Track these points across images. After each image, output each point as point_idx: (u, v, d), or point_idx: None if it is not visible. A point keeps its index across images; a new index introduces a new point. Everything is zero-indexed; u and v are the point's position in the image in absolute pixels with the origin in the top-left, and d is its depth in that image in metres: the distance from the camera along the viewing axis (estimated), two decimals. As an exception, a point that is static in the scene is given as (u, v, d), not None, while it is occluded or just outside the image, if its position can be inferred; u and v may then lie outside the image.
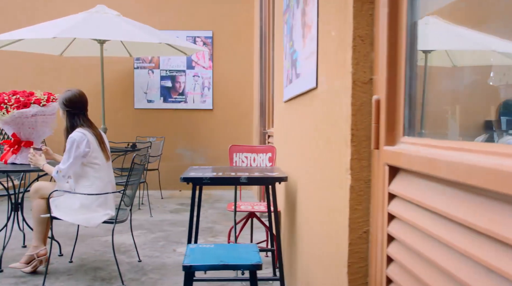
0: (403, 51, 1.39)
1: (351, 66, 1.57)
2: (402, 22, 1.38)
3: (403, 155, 1.33)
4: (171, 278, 3.41)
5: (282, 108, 3.54)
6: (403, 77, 1.39)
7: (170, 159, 7.40)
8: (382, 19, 1.44)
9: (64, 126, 3.36)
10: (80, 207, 3.26)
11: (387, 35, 1.42)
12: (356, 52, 1.56)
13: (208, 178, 2.75)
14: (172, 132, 7.44)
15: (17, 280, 3.33)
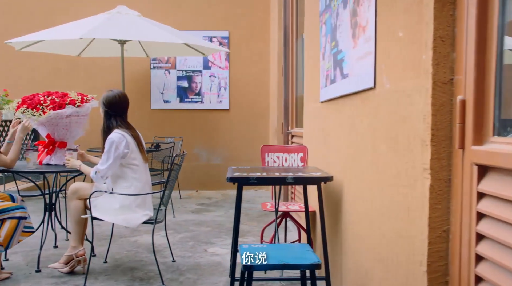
0: (493, 51, 1.40)
1: (431, 67, 1.58)
2: (493, 23, 1.39)
3: (497, 154, 1.34)
4: (209, 278, 3.43)
5: (318, 108, 3.55)
6: (492, 77, 1.40)
7: (187, 159, 7.40)
8: (470, 20, 1.46)
9: (102, 126, 3.37)
10: (119, 208, 3.27)
11: (475, 35, 1.44)
12: (437, 53, 1.57)
13: (254, 178, 2.76)
14: (189, 133, 7.45)
15: (57, 280, 3.34)
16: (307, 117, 4.11)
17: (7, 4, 7.44)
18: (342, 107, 2.79)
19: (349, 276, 2.63)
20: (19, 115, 3.62)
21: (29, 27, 7.25)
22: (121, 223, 3.25)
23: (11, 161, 3.41)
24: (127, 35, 5.14)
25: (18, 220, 3.30)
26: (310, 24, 3.87)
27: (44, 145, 3.76)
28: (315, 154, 3.76)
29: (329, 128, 3.14)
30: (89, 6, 7.27)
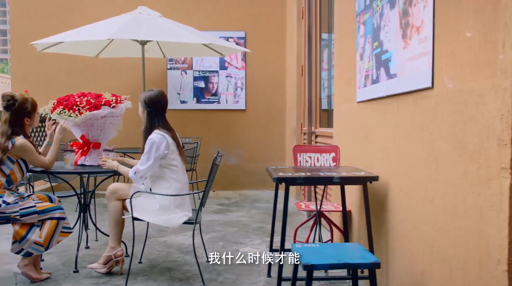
0: None
1: (511, 66, 1.59)
2: None
3: None
4: (248, 278, 3.44)
5: (353, 108, 3.56)
6: None
7: (204, 159, 7.39)
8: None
9: (143, 126, 3.39)
10: (159, 208, 3.28)
11: None
12: (518, 53, 1.58)
13: (301, 178, 2.78)
14: (205, 133, 7.45)
15: (97, 281, 3.35)
16: (338, 118, 4.11)
17: (22, 6, 7.44)
18: (387, 107, 2.80)
19: (398, 276, 2.64)
20: (55, 117, 3.63)
21: (45, 29, 7.26)
22: (162, 223, 3.26)
23: (49, 162, 3.42)
24: (152, 36, 5.15)
25: (57, 220, 3.31)
26: (343, 24, 3.88)
27: (78, 145, 3.76)
28: (348, 153, 3.77)
29: (370, 128, 3.15)
30: (104, 6, 7.29)
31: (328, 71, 5.48)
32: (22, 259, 3.29)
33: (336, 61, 4.18)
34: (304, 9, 6.29)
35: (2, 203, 3.16)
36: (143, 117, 3.41)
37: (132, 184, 3.44)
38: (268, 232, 4.85)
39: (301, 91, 6.46)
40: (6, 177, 3.25)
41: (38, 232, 3.24)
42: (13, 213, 3.19)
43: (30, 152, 3.30)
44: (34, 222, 3.26)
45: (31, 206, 3.24)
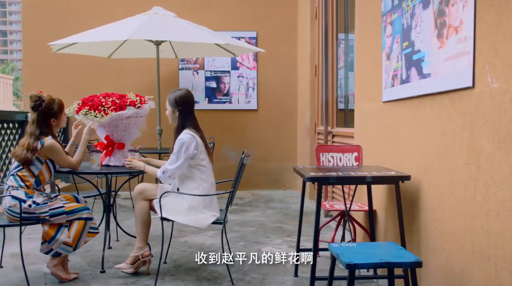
0: None
1: None
2: None
3: None
4: (275, 278, 3.45)
5: (378, 108, 3.57)
6: None
7: (216, 159, 7.39)
8: None
9: (175, 126, 3.40)
10: (188, 208, 3.29)
11: None
12: None
13: (334, 178, 2.79)
14: (217, 133, 7.43)
15: (125, 281, 3.36)
16: (359, 117, 4.12)
17: (35, 7, 7.45)
18: (419, 106, 2.81)
19: (432, 275, 2.65)
20: (81, 117, 3.64)
21: (58, 29, 7.27)
22: (191, 223, 3.27)
23: (76, 162, 3.43)
24: (170, 36, 5.17)
25: (85, 221, 3.32)
26: (366, 24, 3.89)
27: (103, 146, 3.77)
28: (371, 153, 3.78)
29: (398, 128, 3.16)
30: (117, 7, 7.30)
31: (344, 71, 5.50)
32: (51, 259, 3.30)
33: (357, 61, 4.19)
34: (318, 9, 6.30)
35: (32, 203, 3.17)
36: (173, 118, 3.41)
37: (159, 184, 3.45)
38: (286, 232, 4.87)
39: (314, 91, 6.47)
40: (35, 178, 3.26)
41: (66, 232, 3.25)
42: (42, 213, 3.20)
43: (59, 152, 3.30)
44: (63, 222, 3.27)
45: (59, 206, 3.25)
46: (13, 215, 3.16)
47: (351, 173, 2.90)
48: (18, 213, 3.14)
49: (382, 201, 3.50)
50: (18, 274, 3.48)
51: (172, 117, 3.43)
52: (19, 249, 3.14)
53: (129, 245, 4.30)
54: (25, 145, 3.21)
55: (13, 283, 3.33)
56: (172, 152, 3.31)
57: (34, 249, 4.12)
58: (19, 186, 3.20)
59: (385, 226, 3.45)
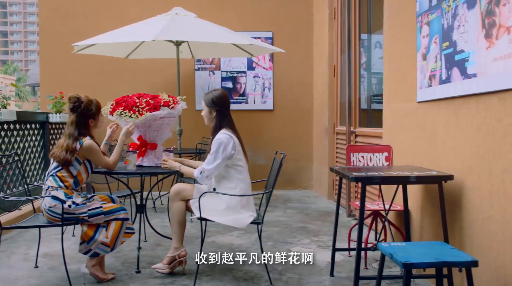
0: None
1: None
2: None
3: None
4: (311, 278, 3.45)
5: (412, 108, 3.57)
6: None
7: (232, 159, 7.43)
8: None
9: (212, 126, 3.41)
10: (226, 208, 3.30)
11: None
12: None
13: (378, 178, 2.80)
14: (233, 133, 7.46)
15: (163, 281, 3.37)
16: (389, 118, 4.13)
17: (51, 8, 7.46)
18: (462, 106, 2.82)
19: (480, 275, 2.65)
20: (115, 118, 3.65)
21: (74, 30, 7.30)
22: (230, 223, 3.28)
23: (113, 163, 3.44)
24: (194, 37, 5.17)
25: (122, 221, 3.33)
26: (398, 25, 3.89)
27: (136, 146, 3.78)
28: (403, 153, 3.79)
29: (437, 128, 3.17)
30: (132, 8, 7.32)
31: (366, 71, 5.51)
32: (89, 259, 3.31)
33: (387, 61, 4.20)
34: (337, 10, 6.32)
35: (72, 204, 3.18)
36: (210, 118, 3.43)
37: (196, 185, 3.46)
38: (312, 232, 4.88)
39: (333, 92, 6.48)
40: (73, 178, 3.27)
41: (104, 232, 3.26)
42: (82, 214, 3.21)
43: (97, 152, 3.32)
44: (100, 223, 3.28)
45: (97, 206, 3.26)
46: (53, 215, 3.18)
47: (392, 173, 2.91)
48: (58, 214, 3.15)
49: (416, 200, 3.51)
50: (55, 274, 3.50)
51: (208, 118, 3.45)
52: (59, 249, 3.16)
53: (158, 245, 4.31)
54: (63, 146, 3.22)
55: (52, 283, 3.34)
56: (210, 152, 3.32)
57: (65, 249, 4.13)
58: (59, 186, 3.21)
59: (420, 226, 3.45)
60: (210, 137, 3.46)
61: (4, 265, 3.70)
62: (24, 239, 4.49)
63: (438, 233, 3.15)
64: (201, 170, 3.29)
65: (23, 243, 4.34)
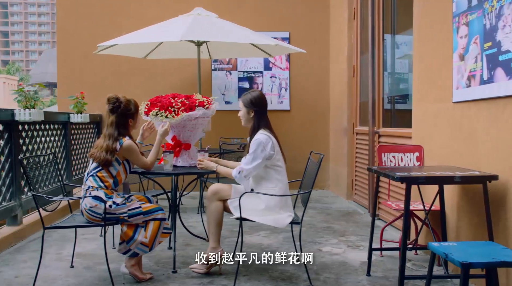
0: None
1: None
2: None
3: None
4: (348, 277, 3.46)
5: (447, 108, 3.58)
6: None
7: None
8: None
9: (250, 126, 3.42)
10: (265, 208, 3.31)
11: None
12: None
13: (423, 178, 2.81)
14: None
15: (201, 281, 3.37)
16: (420, 118, 4.13)
17: (69, 8, 7.46)
18: (507, 107, 2.82)
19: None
20: (151, 118, 3.65)
21: (92, 30, 7.31)
22: (270, 223, 3.28)
23: (150, 163, 3.45)
24: (218, 37, 5.18)
25: (160, 221, 3.33)
26: (431, 26, 3.90)
27: (170, 147, 3.78)
28: (436, 153, 3.80)
29: (476, 128, 3.17)
30: (149, 8, 7.33)
31: (390, 71, 5.52)
32: (128, 259, 3.32)
33: (416, 62, 4.21)
34: (357, 10, 6.33)
35: (113, 204, 3.19)
36: (247, 118, 3.44)
37: (233, 185, 3.47)
38: (338, 231, 4.89)
39: (352, 92, 6.49)
40: (113, 178, 3.27)
41: (143, 232, 3.27)
42: (122, 214, 3.21)
43: (136, 153, 3.32)
44: (139, 223, 3.28)
45: (137, 206, 3.27)
46: (93, 215, 3.18)
47: (435, 173, 2.92)
48: (99, 214, 3.16)
49: (451, 200, 3.51)
50: (92, 274, 3.50)
51: (246, 118, 3.46)
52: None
53: (188, 245, 4.32)
54: (103, 146, 3.23)
55: (91, 282, 3.34)
56: (248, 152, 3.33)
57: (95, 249, 4.15)
58: (99, 187, 3.22)
59: (457, 226, 3.46)
60: (248, 138, 3.47)
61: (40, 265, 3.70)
62: (53, 238, 4.50)
63: (478, 232, 3.16)
64: (239, 169, 3.30)
65: (53, 243, 4.35)
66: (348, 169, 6.58)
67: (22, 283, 3.33)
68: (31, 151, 4.80)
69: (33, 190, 3.14)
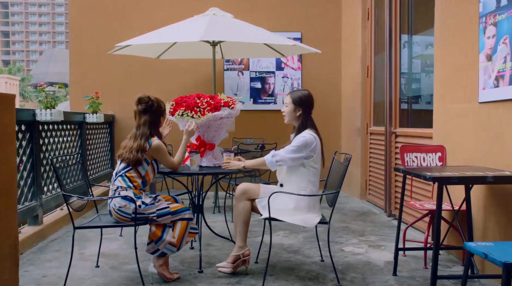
0: None
1: None
2: None
3: None
4: (375, 277, 3.47)
5: (472, 108, 3.59)
6: None
7: (261, 159, 7.43)
8: None
9: (297, 125, 3.43)
10: (294, 208, 3.31)
11: None
12: None
13: (456, 178, 2.81)
14: (262, 134, 7.47)
15: (229, 280, 3.38)
16: (443, 118, 4.14)
17: (82, 7, 7.47)
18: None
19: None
20: (176, 118, 3.66)
21: (105, 30, 7.31)
22: (299, 222, 3.29)
23: (178, 163, 3.45)
24: (236, 37, 5.18)
25: (187, 221, 3.34)
26: (454, 26, 3.91)
27: (194, 147, 3.79)
28: (460, 153, 3.80)
29: (506, 128, 3.18)
30: (161, 8, 7.34)
31: (408, 71, 5.52)
32: (156, 259, 3.32)
33: (437, 62, 4.21)
34: (371, 10, 6.33)
35: (142, 204, 3.19)
36: (293, 116, 3.46)
37: (261, 184, 3.48)
38: (356, 231, 4.89)
39: (366, 92, 6.49)
40: (141, 178, 3.27)
41: (171, 232, 3.27)
42: (151, 214, 3.22)
43: (165, 152, 3.33)
44: (167, 223, 3.29)
45: (165, 207, 3.27)
46: (123, 215, 3.19)
47: (466, 173, 2.93)
48: (128, 214, 3.17)
49: (477, 200, 3.52)
50: (119, 274, 3.51)
51: (292, 115, 3.46)
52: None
53: (209, 245, 4.32)
54: (133, 146, 3.23)
55: (119, 282, 3.35)
56: (290, 144, 3.32)
57: (116, 249, 4.16)
58: (128, 187, 3.22)
59: (484, 227, 3.47)
60: (292, 135, 3.48)
61: (65, 264, 3.69)
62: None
63: (507, 233, 3.17)
64: (273, 153, 3.30)
65: (75, 243, 4.33)
66: (361, 169, 6.59)
67: (51, 283, 3.33)
68: (49, 151, 4.80)
69: (63, 190, 3.13)
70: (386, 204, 5.52)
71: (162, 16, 7.15)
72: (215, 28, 5.15)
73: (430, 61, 5.36)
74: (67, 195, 3.14)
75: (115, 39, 6.77)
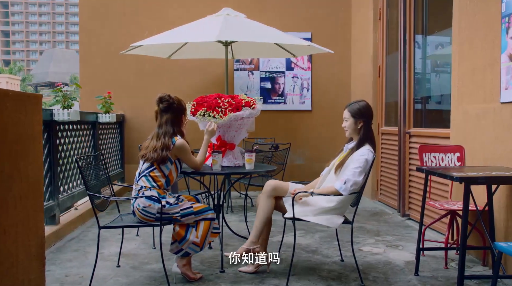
0: None
1: None
2: None
3: None
4: (398, 277, 3.47)
5: (496, 109, 3.58)
6: None
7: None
8: None
9: (357, 138, 3.38)
10: (319, 208, 3.31)
11: None
12: None
13: (483, 178, 2.82)
14: (272, 134, 7.48)
15: (252, 280, 3.38)
16: (461, 118, 4.14)
17: (92, 7, 7.47)
18: None
19: None
20: (198, 118, 3.66)
21: (115, 30, 7.31)
22: (324, 222, 3.28)
23: (200, 163, 3.45)
24: (250, 37, 5.19)
25: (210, 221, 3.34)
26: (471, 26, 3.91)
27: (215, 147, 3.79)
28: (480, 153, 3.81)
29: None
30: (173, 9, 7.34)
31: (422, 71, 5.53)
32: (179, 259, 3.32)
33: (455, 63, 4.22)
34: (382, 10, 6.34)
35: (166, 203, 3.19)
36: (354, 129, 3.39)
37: (291, 183, 3.49)
38: (371, 231, 4.90)
39: (377, 92, 6.50)
40: (165, 178, 3.28)
41: (194, 232, 3.27)
42: (175, 214, 3.22)
43: (188, 152, 3.33)
44: (190, 223, 3.29)
45: (188, 206, 3.28)
46: (147, 215, 3.19)
47: (492, 173, 2.93)
48: (152, 213, 3.17)
49: (498, 200, 3.52)
50: (141, 274, 3.51)
51: (353, 129, 3.39)
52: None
53: (227, 245, 4.32)
54: (157, 145, 3.23)
55: (141, 282, 3.35)
56: (354, 165, 3.25)
57: (135, 249, 4.16)
58: (152, 187, 3.23)
59: (506, 226, 3.47)
60: (346, 147, 3.47)
61: (85, 264, 3.72)
62: (90, 238, 4.51)
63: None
64: (344, 180, 3.19)
65: (91, 243, 4.35)
66: (373, 169, 6.58)
67: (74, 282, 3.33)
68: (65, 151, 4.80)
69: (88, 190, 3.14)
70: (400, 204, 5.52)
71: (173, 16, 7.16)
72: (229, 28, 5.16)
73: (444, 61, 5.37)
74: (92, 195, 3.14)
75: (125, 40, 6.79)
